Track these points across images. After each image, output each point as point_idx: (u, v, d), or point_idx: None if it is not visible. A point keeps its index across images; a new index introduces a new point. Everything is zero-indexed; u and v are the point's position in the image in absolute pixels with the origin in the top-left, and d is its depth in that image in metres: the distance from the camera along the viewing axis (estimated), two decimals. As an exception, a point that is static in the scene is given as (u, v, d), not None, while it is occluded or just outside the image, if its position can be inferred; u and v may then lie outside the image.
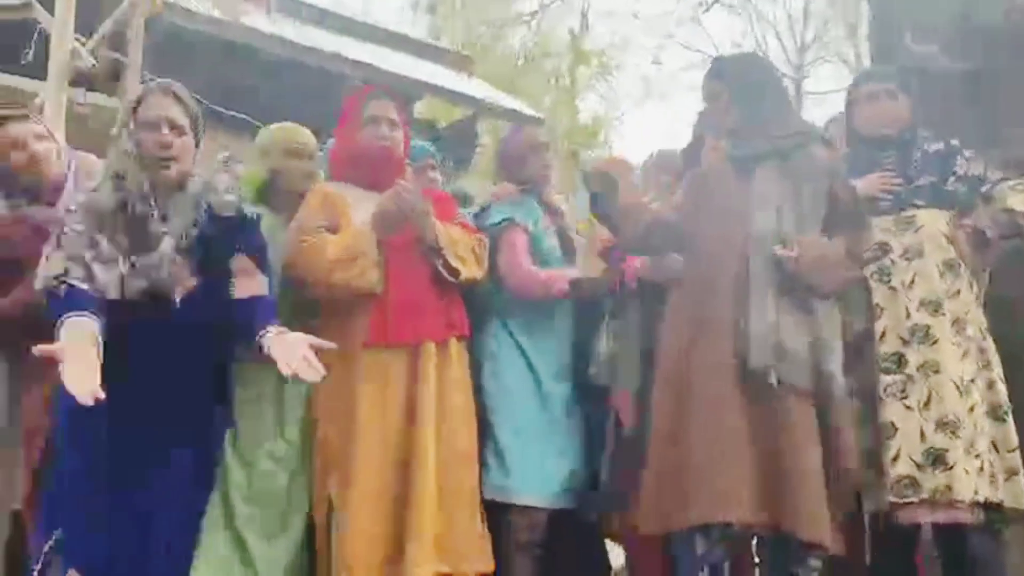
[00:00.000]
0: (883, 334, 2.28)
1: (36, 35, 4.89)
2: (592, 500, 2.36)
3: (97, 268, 1.86)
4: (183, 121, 1.95)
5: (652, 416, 2.14)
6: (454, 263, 2.17)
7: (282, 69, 8.51)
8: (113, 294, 1.86)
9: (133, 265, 1.88)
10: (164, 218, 1.93)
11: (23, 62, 4.91)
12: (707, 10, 8.94)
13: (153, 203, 1.92)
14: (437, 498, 2.05)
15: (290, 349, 1.81)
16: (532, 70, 14.13)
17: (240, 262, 2.00)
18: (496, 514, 2.25)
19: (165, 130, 1.92)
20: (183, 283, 1.93)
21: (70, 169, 2.35)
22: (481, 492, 2.22)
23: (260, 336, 1.87)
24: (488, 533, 2.19)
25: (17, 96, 5.76)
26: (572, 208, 2.78)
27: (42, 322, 2.00)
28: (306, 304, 2.20)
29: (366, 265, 2.07)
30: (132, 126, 1.93)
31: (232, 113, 6.68)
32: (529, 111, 11.16)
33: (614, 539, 2.59)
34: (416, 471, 2.05)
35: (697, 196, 2.26)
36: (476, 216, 2.55)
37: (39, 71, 5.03)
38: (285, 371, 1.77)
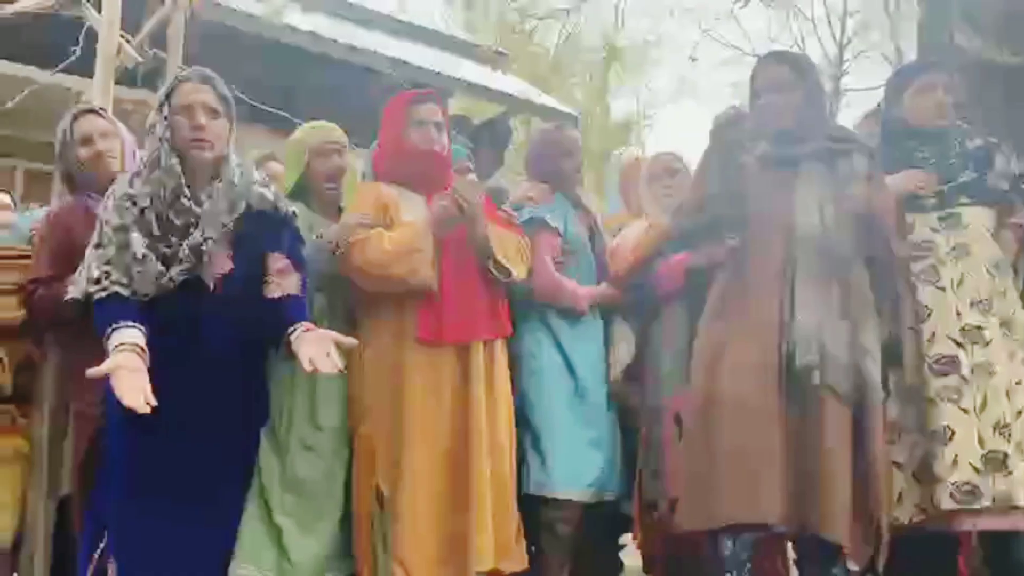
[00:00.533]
0: (932, 336, 2.23)
1: (83, 33, 4.98)
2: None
3: (135, 268, 1.90)
4: (217, 105, 1.97)
5: (683, 414, 2.15)
6: (505, 263, 2.19)
7: (317, 65, 8.60)
8: (150, 291, 1.90)
9: (168, 252, 1.92)
10: (198, 202, 1.95)
11: (71, 60, 5.01)
12: (744, 5, 8.81)
13: (185, 184, 1.93)
14: (487, 501, 2.07)
15: (315, 345, 1.83)
16: (565, 66, 14.07)
17: (276, 261, 2.01)
18: (530, 508, 2.27)
19: (199, 114, 1.93)
20: (218, 268, 1.95)
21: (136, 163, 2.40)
22: (519, 487, 2.24)
23: (288, 333, 1.90)
24: (522, 530, 2.21)
25: (63, 93, 5.91)
26: (602, 207, 2.77)
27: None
28: (352, 300, 2.23)
29: (422, 261, 2.09)
30: (166, 112, 1.94)
31: (269, 109, 6.76)
32: (562, 107, 11.14)
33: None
34: (472, 469, 2.07)
35: (739, 192, 2.23)
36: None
37: (85, 68, 5.14)
38: (307, 367, 1.80)
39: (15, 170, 8.25)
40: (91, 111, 2.38)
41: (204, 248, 1.93)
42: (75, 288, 1.94)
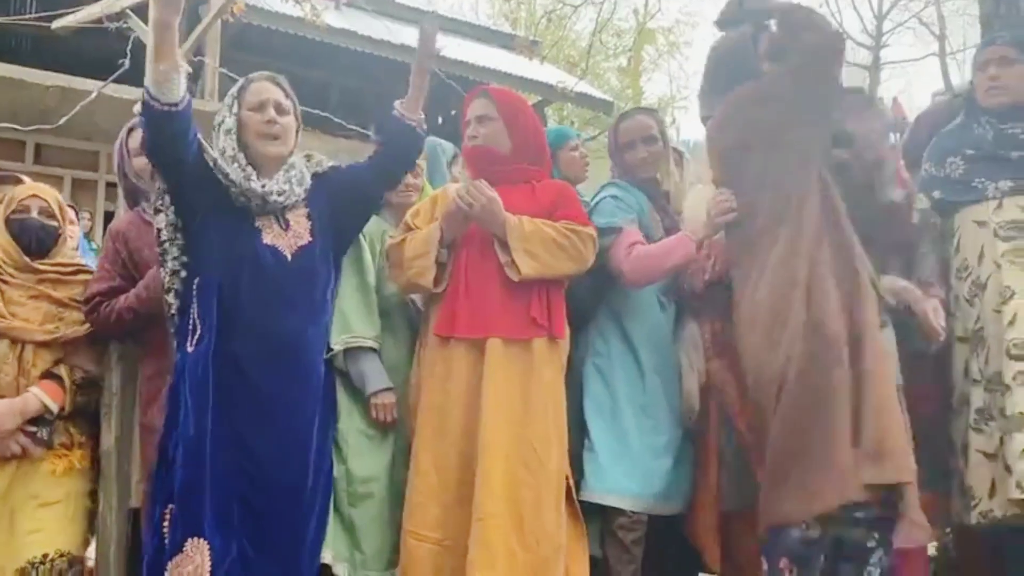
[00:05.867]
0: (1013, 318, 2.15)
1: (131, 44, 5.05)
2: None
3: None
4: (286, 104, 2.05)
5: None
6: (517, 260, 2.06)
7: (353, 62, 8.64)
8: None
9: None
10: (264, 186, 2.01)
11: (120, 71, 5.09)
12: (782, -19, 8.56)
13: (251, 173, 1.98)
14: (506, 503, 1.97)
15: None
16: (599, 51, 13.94)
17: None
18: (605, 515, 2.21)
19: (271, 110, 2.01)
20: (296, 240, 2.01)
21: None
22: (579, 493, 2.18)
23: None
24: (583, 540, 2.11)
25: (109, 103, 6.01)
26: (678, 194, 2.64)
27: (159, 317, 2.11)
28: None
29: (425, 265, 2.09)
30: (237, 108, 2.01)
31: (306, 109, 6.78)
32: (597, 94, 11.05)
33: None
34: (482, 472, 1.98)
35: None
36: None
37: (133, 79, 5.21)
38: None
39: (62, 179, 8.44)
40: None
41: (276, 199, 1.98)
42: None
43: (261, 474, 1.91)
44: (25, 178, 2.54)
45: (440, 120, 9.75)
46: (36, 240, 2.28)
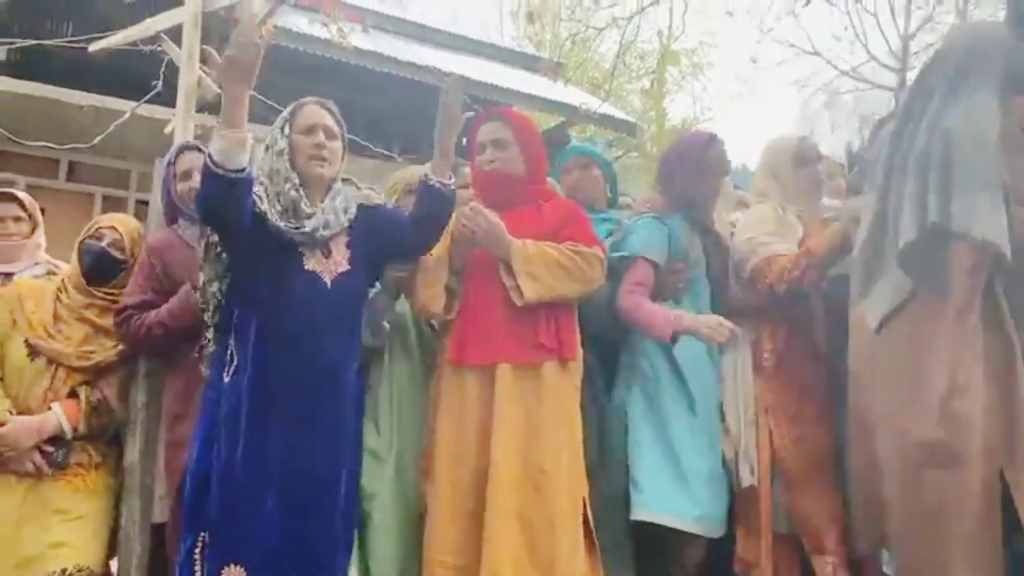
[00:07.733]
0: None
1: (164, 66, 5.15)
2: None
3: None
4: (335, 128, 2.08)
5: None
6: (520, 283, 2.06)
7: (377, 83, 8.73)
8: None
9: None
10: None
11: (153, 92, 5.19)
12: (808, 3, 8.53)
13: (303, 193, 2.01)
14: (518, 524, 1.97)
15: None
16: (623, 73, 13.99)
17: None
18: (658, 539, 2.20)
19: (320, 134, 2.04)
20: (336, 267, 2.03)
21: None
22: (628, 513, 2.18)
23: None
24: (597, 563, 2.08)
25: (139, 123, 6.13)
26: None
27: (189, 333, 2.15)
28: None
29: (435, 293, 2.11)
30: (288, 130, 2.04)
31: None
32: (621, 115, 11.06)
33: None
34: (490, 495, 1.98)
35: None
36: (616, 233, 2.47)
37: (165, 100, 5.31)
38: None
39: (93, 196, 8.59)
40: (194, 148, 2.44)
41: (323, 233, 2.00)
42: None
43: (296, 497, 1.92)
44: (19, 192, 2.59)
45: (464, 142, 9.81)
46: (96, 267, 2.35)
